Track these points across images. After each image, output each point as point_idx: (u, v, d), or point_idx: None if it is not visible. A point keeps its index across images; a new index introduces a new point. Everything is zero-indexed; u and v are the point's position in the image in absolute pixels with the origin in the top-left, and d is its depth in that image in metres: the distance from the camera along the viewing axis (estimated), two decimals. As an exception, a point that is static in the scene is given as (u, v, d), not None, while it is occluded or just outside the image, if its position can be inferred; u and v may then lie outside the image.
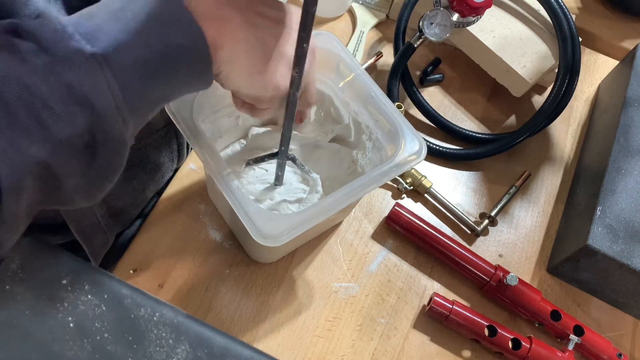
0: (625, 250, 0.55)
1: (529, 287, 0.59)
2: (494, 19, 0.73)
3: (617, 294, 0.60)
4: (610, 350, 0.57)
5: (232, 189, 0.44)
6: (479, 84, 0.76)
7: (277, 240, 0.42)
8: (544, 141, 0.74)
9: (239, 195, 0.44)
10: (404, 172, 0.53)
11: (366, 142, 0.56)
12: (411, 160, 0.49)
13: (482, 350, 0.58)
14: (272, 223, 0.43)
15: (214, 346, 0.48)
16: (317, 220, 0.44)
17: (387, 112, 0.51)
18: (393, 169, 0.48)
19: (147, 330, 0.47)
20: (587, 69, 0.82)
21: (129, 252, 0.57)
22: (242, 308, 0.56)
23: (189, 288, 0.56)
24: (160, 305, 0.49)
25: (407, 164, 0.48)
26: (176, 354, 0.47)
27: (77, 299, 0.47)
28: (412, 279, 0.61)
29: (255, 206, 0.43)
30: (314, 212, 0.44)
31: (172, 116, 0.47)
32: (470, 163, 0.70)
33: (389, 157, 0.50)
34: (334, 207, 0.45)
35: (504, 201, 0.66)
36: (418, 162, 0.49)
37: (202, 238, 0.59)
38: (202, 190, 0.61)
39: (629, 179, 0.60)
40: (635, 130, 0.64)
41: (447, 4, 0.66)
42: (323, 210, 0.45)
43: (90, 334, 0.46)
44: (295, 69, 0.40)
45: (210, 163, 0.45)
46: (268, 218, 0.43)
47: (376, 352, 0.56)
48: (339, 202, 0.45)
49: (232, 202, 0.43)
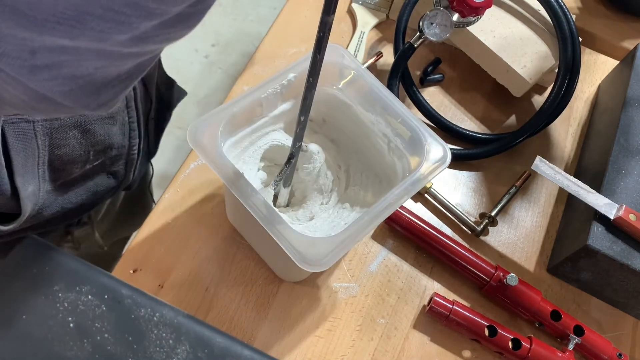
0: (625, 250, 0.55)
1: (530, 287, 0.59)
2: (494, 19, 0.73)
3: (617, 294, 0.60)
4: (610, 350, 0.57)
5: (279, 231, 0.43)
6: (479, 84, 0.76)
7: (322, 265, 0.42)
8: (544, 141, 0.74)
9: (282, 229, 0.43)
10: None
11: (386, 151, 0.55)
12: (437, 166, 0.49)
13: (482, 350, 0.58)
14: (315, 249, 0.42)
15: (214, 346, 0.48)
16: (358, 239, 0.44)
17: (407, 121, 0.51)
18: (422, 177, 0.48)
19: (147, 331, 0.47)
20: (587, 69, 0.82)
21: (129, 252, 0.57)
22: (242, 308, 0.56)
23: (189, 288, 0.56)
24: (161, 305, 0.49)
25: (434, 171, 0.48)
26: (176, 354, 0.47)
27: (77, 299, 0.47)
28: (412, 279, 0.61)
29: (297, 234, 0.43)
30: (353, 232, 0.44)
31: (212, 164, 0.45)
32: (470, 163, 0.70)
33: (412, 166, 0.49)
34: (372, 223, 0.45)
35: (504, 201, 0.66)
36: (444, 167, 0.49)
37: (202, 238, 0.59)
38: (202, 190, 0.61)
39: (629, 179, 0.60)
40: (635, 130, 0.64)
41: (447, 4, 0.66)
42: (362, 227, 0.44)
43: (90, 334, 0.46)
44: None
45: (262, 212, 0.44)
46: (310, 245, 0.42)
47: (376, 352, 0.56)
48: (377, 217, 0.45)
49: (278, 238, 0.43)
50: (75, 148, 0.55)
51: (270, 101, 0.52)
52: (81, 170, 0.59)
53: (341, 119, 0.57)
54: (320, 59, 0.39)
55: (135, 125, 0.62)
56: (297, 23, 0.77)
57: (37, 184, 0.53)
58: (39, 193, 0.54)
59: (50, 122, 0.50)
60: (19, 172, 0.50)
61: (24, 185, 0.51)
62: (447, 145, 0.50)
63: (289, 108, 0.54)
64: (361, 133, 0.56)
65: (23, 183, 0.51)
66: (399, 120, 0.51)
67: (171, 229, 0.59)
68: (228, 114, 0.47)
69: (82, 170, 0.59)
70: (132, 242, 0.58)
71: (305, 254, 0.42)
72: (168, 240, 0.58)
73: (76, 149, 0.55)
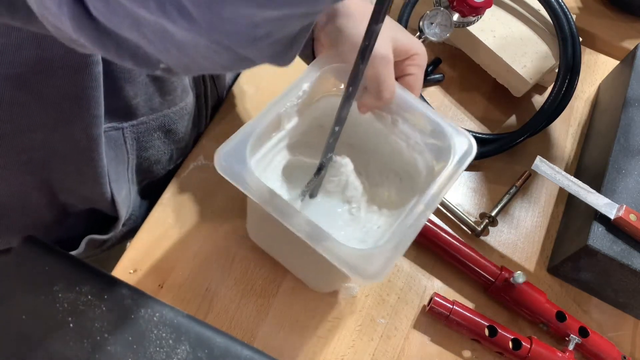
0: (625, 250, 0.55)
1: (534, 288, 0.59)
2: (494, 18, 0.72)
3: (617, 294, 0.60)
4: (614, 353, 0.57)
5: (328, 248, 0.41)
6: (479, 84, 0.76)
7: (379, 277, 0.40)
8: (544, 141, 0.74)
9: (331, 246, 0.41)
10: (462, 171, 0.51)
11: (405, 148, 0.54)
12: (465, 159, 0.48)
13: (483, 350, 0.58)
14: (370, 261, 0.41)
15: (214, 346, 0.48)
16: (407, 243, 0.42)
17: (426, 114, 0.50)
18: (454, 171, 0.47)
19: (147, 331, 0.47)
20: (588, 69, 0.82)
21: (129, 252, 0.57)
22: (242, 308, 0.56)
23: (189, 288, 0.56)
24: (160, 305, 0.49)
25: (463, 165, 0.47)
26: (176, 354, 0.47)
27: (77, 299, 0.47)
28: (412, 279, 0.61)
29: (347, 248, 0.41)
30: (402, 237, 0.43)
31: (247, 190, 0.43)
32: (470, 163, 0.70)
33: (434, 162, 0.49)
34: (418, 224, 0.44)
35: (504, 201, 0.66)
36: (473, 156, 0.48)
37: (202, 238, 0.59)
38: (202, 190, 0.61)
39: (629, 179, 0.60)
40: (635, 130, 0.64)
41: (447, 3, 0.66)
42: (410, 232, 0.43)
43: (90, 334, 0.46)
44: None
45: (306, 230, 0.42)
46: (363, 258, 0.41)
47: (376, 352, 0.56)
48: (421, 218, 0.44)
49: (328, 255, 0.41)
50: (160, 148, 0.59)
51: (289, 114, 0.51)
52: (165, 171, 0.62)
53: (355, 122, 0.56)
54: (362, 69, 0.38)
55: (204, 114, 0.65)
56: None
57: (127, 188, 0.57)
58: (130, 196, 0.58)
59: (137, 127, 0.54)
60: (113, 178, 0.53)
61: (118, 191, 0.55)
62: (469, 134, 0.49)
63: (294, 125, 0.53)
64: (377, 134, 0.55)
65: (117, 189, 0.54)
66: (418, 115, 0.50)
67: (171, 229, 0.59)
68: (252, 136, 0.46)
69: (166, 170, 0.63)
70: (132, 242, 0.58)
71: (361, 267, 0.40)
72: (168, 240, 0.58)
73: (160, 149, 0.59)
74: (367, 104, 0.49)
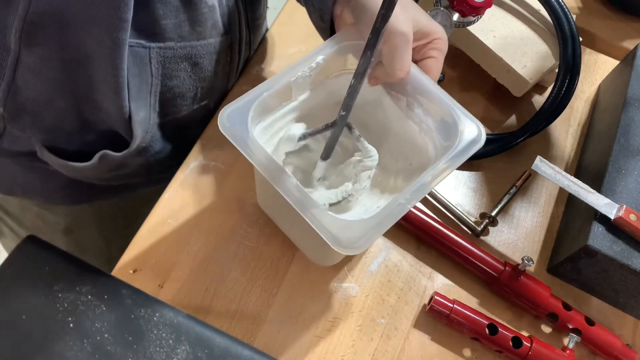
0: (625, 250, 0.55)
1: (539, 283, 0.59)
2: (494, 18, 0.72)
3: (617, 294, 0.60)
4: (618, 343, 0.58)
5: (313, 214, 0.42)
6: (479, 84, 0.76)
7: (356, 248, 0.41)
8: (544, 141, 0.74)
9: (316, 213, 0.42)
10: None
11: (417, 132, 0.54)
12: (471, 147, 0.47)
13: (483, 349, 0.58)
14: (349, 232, 0.41)
15: (214, 346, 0.48)
16: (392, 221, 0.43)
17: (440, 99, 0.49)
18: (458, 156, 0.47)
19: (147, 331, 0.47)
20: (588, 69, 0.82)
21: (128, 252, 0.57)
22: (242, 308, 0.56)
23: (189, 288, 0.56)
24: (160, 305, 0.49)
25: (468, 151, 0.47)
26: (176, 354, 0.47)
27: (77, 299, 0.47)
28: (412, 279, 0.61)
29: (331, 217, 0.42)
30: (388, 213, 0.43)
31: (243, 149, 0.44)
32: (470, 163, 0.70)
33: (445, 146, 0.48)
34: (408, 203, 0.43)
35: (505, 201, 0.66)
36: (481, 145, 0.48)
37: (202, 238, 0.59)
38: (202, 189, 0.61)
39: (629, 179, 0.60)
40: (635, 130, 0.64)
41: (448, 3, 0.66)
42: (397, 209, 0.43)
43: (90, 334, 0.46)
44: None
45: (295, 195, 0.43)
46: (344, 228, 0.42)
47: (376, 352, 0.56)
48: (412, 198, 0.44)
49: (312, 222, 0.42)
50: (185, 81, 0.58)
51: (300, 85, 0.51)
52: (189, 110, 0.62)
53: (370, 101, 0.56)
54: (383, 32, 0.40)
55: (235, 66, 0.65)
56: (297, 23, 0.77)
57: (147, 112, 0.56)
58: (149, 122, 0.57)
59: (164, 51, 0.53)
60: (133, 96, 0.53)
61: (136, 110, 0.54)
62: (480, 123, 0.49)
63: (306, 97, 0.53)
64: (392, 115, 0.55)
65: (136, 108, 0.54)
66: (432, 98, 0.50)
67: (171, 229, 0.59)
68: (258, 99, 0.47)
69: (190, 109, 0.62)
70: (132, 242, 0.58)
71: (339, 236, 0.41)
72: (168, 240, 0.58)
73: (186, 82, 0.58)
74: (378, 75, 0.49)
